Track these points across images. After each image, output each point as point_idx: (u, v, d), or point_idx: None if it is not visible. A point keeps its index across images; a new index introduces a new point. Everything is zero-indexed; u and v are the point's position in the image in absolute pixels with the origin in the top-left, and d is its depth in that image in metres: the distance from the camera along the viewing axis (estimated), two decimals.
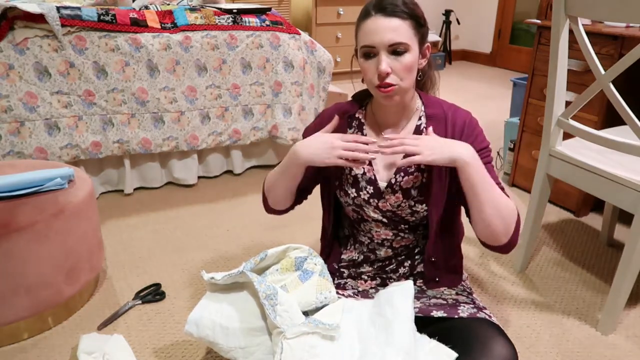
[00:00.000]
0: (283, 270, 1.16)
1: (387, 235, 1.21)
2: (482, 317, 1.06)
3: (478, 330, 1.01)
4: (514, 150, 2.32)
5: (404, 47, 1.02)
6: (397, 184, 1.13)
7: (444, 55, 5.17)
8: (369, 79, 1.06)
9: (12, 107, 1.86)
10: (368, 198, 1.16)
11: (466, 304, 1.12)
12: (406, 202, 1.14)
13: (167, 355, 1.30)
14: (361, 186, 1.17)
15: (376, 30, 1.02)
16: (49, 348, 1.32)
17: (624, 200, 1.30)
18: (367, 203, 1.17)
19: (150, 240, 1.86)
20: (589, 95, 1.35)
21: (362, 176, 1.17)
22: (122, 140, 2.09)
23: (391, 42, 1.01)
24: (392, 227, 1.19)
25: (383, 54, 1.02)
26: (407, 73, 1.04)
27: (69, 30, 1.90)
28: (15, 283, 1.27)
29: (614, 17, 1.24)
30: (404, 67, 1.03)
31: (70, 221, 1.36)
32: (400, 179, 1.13)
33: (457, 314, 1.06)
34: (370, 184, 1.16)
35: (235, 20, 2.22)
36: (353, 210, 1.21)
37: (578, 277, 1.68)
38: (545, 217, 2.05)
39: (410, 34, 1.03)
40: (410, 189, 1.13)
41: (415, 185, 1.13)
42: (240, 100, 2.29)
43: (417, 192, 1.13)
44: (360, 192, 1.17)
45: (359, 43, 1.06)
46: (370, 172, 1.16)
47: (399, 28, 1.02)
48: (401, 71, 1.03)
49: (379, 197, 1.15)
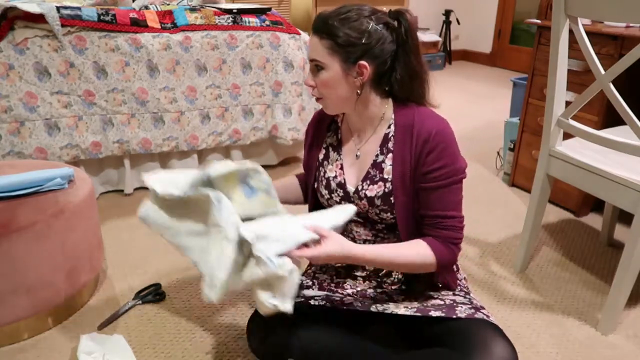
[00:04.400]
0: (225, 182, 1.02)
1: (368, 236, 1.21)
2: (480, 317, 1.05)
3: (478, 331, 1.01)
4: (514, 150, 2.32)
5: (319, 65, 1.06)
6: (363, 192, 1.14)
7: (444, 55, 5.17)
8: None
9: (12, 107, 1.86)
10: (339, 200, 1.18)
11: (464, 304, 1.12)
12: (372, 210, 1.14)
13: (167, 355, 1.30)
14: (332, 188, 1.18)
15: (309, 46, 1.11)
16: (49, 348, 1.32)
17: (624, 200, 1.30)
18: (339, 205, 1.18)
19: (150, 240, 1.85)
20: (589, 95, 1.35)
21: (334, 179, 1.19)
22: (122, 140, 2.09)
23: (309, 58, 1.08)
24: (369, 227, 1.20)
25: (307, 69, 1.12)
26: (325, 89, 1.08)
27: (69, 30, 1.90)
28: (15, 283, 1.27)
29: (614, 17, 1.24)
30: (320, 82, 1.08)
31: (70, 221, 1.36)
32: (365, 187, 1.14)
33: (455, 314, 1.06)
34: (340, 188, 1.17)
35: (235, 20, 2.22)
36: None
37: (578, 277, 1.68)
38: (545, 217, 2.04)
39: (324, 52, 1.04)
40: (374, 198, 1.12)
41: (378, 195, 1.12)
42: (240, 100, 2.29)
43: (380, 201, 1.12)
44: (332, 194, 1.18)
45: None
46: (341, 176, 1.18)
47: (315, 46, 1.06)
48: (320, 86, 1.09)
49: (348, 201, 1.16)
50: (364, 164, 1.16)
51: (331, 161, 1.21)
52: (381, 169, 1.12)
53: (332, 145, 1.22)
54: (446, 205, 1.08)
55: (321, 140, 1.24)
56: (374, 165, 1.14)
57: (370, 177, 1.13)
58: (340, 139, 1.21)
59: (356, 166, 1.17)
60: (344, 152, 1.20)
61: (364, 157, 1.16)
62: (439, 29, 5.33)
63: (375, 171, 1.13)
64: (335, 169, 1.19)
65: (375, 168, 1.13)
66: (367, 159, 1.15)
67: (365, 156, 1.16)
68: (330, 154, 1.21)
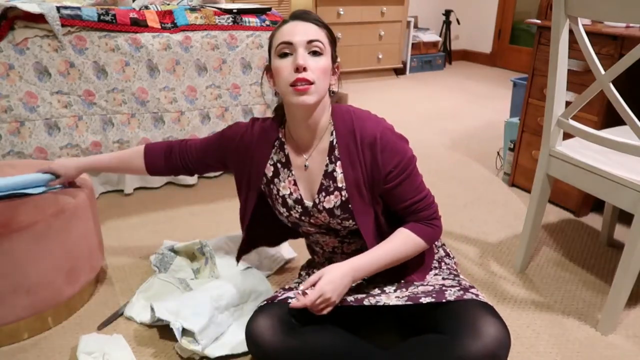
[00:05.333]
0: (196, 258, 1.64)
1: (334, 243, 1.22)
2: (469, 297, 1.06)
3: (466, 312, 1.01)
4: (514, 150, 2.32)
5: (320, 48, 1.04)
6: (321, 204, 1.14)
7: (444, 55, 5.17)
8: (284, 78, 1.04)
9: (12, 107, 1.86)
10: (299, 216, 1.18)
11: (452, 287, 1.13)
12: (334, 220, 1.14)
13: (167, 356, 1.30)
14: (290, 206, 1.17)
15: (295, 30, 1.05)
16: (49, 348, 1.32)
17: (624, 200, 1.30)
18: (300, 220, 1.18)
19: (150, 240, 1.85)
20: (589, 95, 1.35)
21: (289, 196, 1.17)
22: (122, 140, 2.09)
23: (310, 39, 1.03)
24: (333, 235, 1.21)
25: (300, 49, 1.03)
26: (322, 74, 1.04)
27: (69, 30, 1.90)
28: (15, 283, 1.27)
29: (614, 17, 1.24)
30: (319, 67, 1.04)
31: (70, 221, 1.36)
32: (322, 199, 1.13)
33: (445, 298, 1.07)
34: (297, 204, 1.17)
35: (235, 20, 2.23)
36: (292, 226, 1.24)
37: (578, 277, 1.68)
38: (545, 217, 2.04)
39: (326, 40, 1.06)
40: (333, 209, 1.13)
41: (336, 205, 1.12)
42: (240, 100, 2.29)
43: (340, 211, 1.12)
44: (291, 211, 1.18)
45: (276, 44, 1.07)
46: (296, 192, 1.17)
47: (317, 31, 1.06)
48: (317, 70, 1.03)
49: (308, 215, 1.16)
50: (314, 175, 1.15)
51: (282, 178, 1.18)
52: (333, 178, 1.12)
53: (280, 162, 1.18)
54: (414, 192, 1.12)
55: (264, 157, 1.19)
56: (326, 175, 1.13)
57: (325, 188, 1.13)
58: (287, 155, 1.18)
59: (307, 179, 1.16)
60: (294, 167, 1.17)
61: (314, 169, 1.15)
62: (439, 29, 5.33)
63: (328, 181, 1.13)
64: (289, 185, 1.17)
65: (328, 178, 1.13)
66: (317, 171, 1.15)
67: (314, 168, 1.15)
68: (279, 171, 1.18)
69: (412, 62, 4.95)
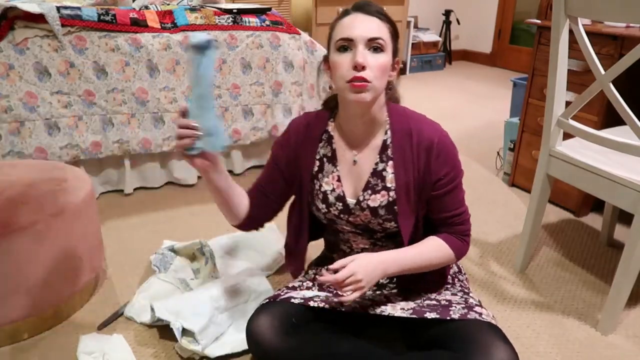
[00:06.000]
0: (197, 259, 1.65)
1: (365, 245, 1.20)
2: (472, 317, 1.05)
3: (478, 334, 1.00)
4: (514, 150, 2.32)
5: (382, 45, 1.01)
6: (365, 202, 1.11)
7: (444, 55, 5.17)
8: (341, 74, 1.01)
9: (12, 107, 1.86)
10: (338, 214, 1.15)
11: (458, 304, 1.12)
12: (375, 220, 1.12)
13: (167, 355, 1.30)
14: (330, 202, 1.15)
15: (356, 24, 1.00)
16: (49, 348, 1.32)
17: (624, 200, 1.30)
18: (338, 218, 1.16)
19: (150, 240, 1.85)
20: (589, 95, 1.35)
21: (332, 192, 1.15)
22: (122, 140, 2.09)
23: (371, 36, 0.99)
24: (367, 236, 1.19)
25: (360, 46, 0.99)
26: (381, 73, 1.01)
27: (69, 30, 1.90)
28: (15, 283, 1.27)
29: (614, 17, 1.24)
30: (379, 65, 1.00)
31: (70, 221, 1.36)
32: (367, 197, 1.11)
33: (449, 315, 1.06)
34: (339, 201, 1.14)
35: (235, 20, 2.22)
36: (328, 223, 1.22)
37: (578, 277, 1.68)
38: (545, 217, 2.04)
39: (387, 36, 1.03)
40: (378, 208, 1.11)
41: (382, 205, 1.11)
42: (240, 100, 2.29)
43: (384, 211, 1.11)
44: (330, 208, 1.15)
45: (335, 38, 1.03)
46: (339, 189, 1.14)
47: (379, 27, 1.02)
48: (376, 68, 1.00)
49: (348, 213, 1.14)
50: (362, 172, 1.13)
51: (326, 173, 1.15)
52: (382, 177, 1.10)
53: (326, 156, 1.16)
54: (456, 204, 1.14)
55: (312, 151, 1.16)
56: (374, 173, 1.11)
57: (372, 187, 1.11)
58: (334, 149, 1.15)
59: (354, 175, 1.14)
60: (339, 162, 1.15)
61: (362, 165, 1.13)
62: (439, 29, 5.33)
63: (376, 180, 1.11)
64: (332, 181, 1.15)
65: (376, 177, 1.11)
66: (365, 168, 1.12)
67: (363, 164, 1.13)
68: (324, 166, 1.16)
69: (412, 62, 4.95)
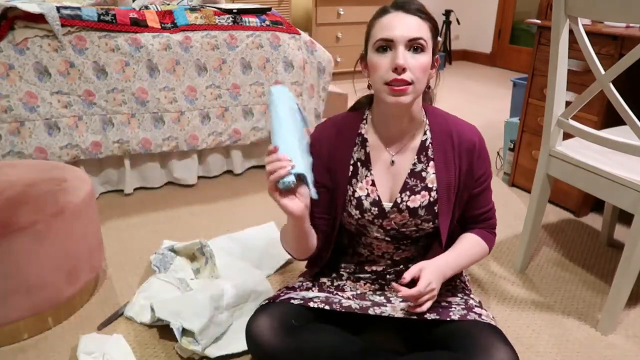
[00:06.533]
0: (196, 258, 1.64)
1: (388, 249, 1.20)
2: (471, 318, 1.06)
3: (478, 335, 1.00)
4: (514, 150, 2.32)
5: (423, 45, 0.97)
6: (404, 203, 1.10)
7: (444, 55, 5.17)
8: (380, 76, 0.98)
9: (12, 107, 1.86)
10: (372, 219, 1.12)
11: (458, 305, 1.12)
12: (412, 221, 1.11)
13: (167, 355, 1.30)
14: (365, 208, 1.12)
15: (396, 24, 0.97)
16: (49, 348, 1.32)
17: (624, 200, 1.30)
18: (370, 223, 1.14)
19: (150, 240, 1.85)
20: (589, 95, 1.35)
21: (366, 197, 1.11)
22: (122, 140, 2.09)
23: (412, 36, 0.96)
24: (394, 242, 1.19)
25: (401, 47, 0.96)
26: (422, 73, 0.98)
27: (69, 30, 1.90)
28: (15, 283, 1.27)
29: (614, 17, 1.24)
30: (420, 65, 0.97)
31: (70, 221, 1.36)
32: (406, 198, 1.10)
33: (449, 316, 1.07)
34: (374, 205, 1.11)
35: (235, 20, 2.22)
36: (356, 230, 1.18)
37: (578, 277, 1.68)
38: (545, 217, 2.04)
39: (428, 35, 1.00)
40: (418, 209, 1.10)
41: (422, 205, 1.09)
42: (240, 100, 2.29)
43: (424, 212, 1.10)
44: (365, 214, 1.12)
45: (374, 37, 1.00)
46: (374, 193, 1.11)
47: (420, 26, 0.98)
48: (417, 70, 0.97)
49: (383, 217, 1.12)
50: (399, 174, 1.10)
51: (360, 178, 1.12)
52: (422, 178, 1.09)
53: (360, 160, 1.12)
54: (488, 201, 1.18)
55: (346, 156, 1.12)
56: (413, 174, 1.09)
57: (410, 188, 1.09)
58: (368, 153, 1.12)
59: (390, 177, 1.11)
60: (374, 165, 1.11)
61: (399, 166, 1.10)
62: (439, 29, 5.33)
63: (415, 180, 1.09)
64: (366, 186, 1.11)
65: (415, 177, 1.09)
66: (402, 168, 1.10)
67: (400, 165, 1.10)
68: (358, 171, 1.12)
69: None
